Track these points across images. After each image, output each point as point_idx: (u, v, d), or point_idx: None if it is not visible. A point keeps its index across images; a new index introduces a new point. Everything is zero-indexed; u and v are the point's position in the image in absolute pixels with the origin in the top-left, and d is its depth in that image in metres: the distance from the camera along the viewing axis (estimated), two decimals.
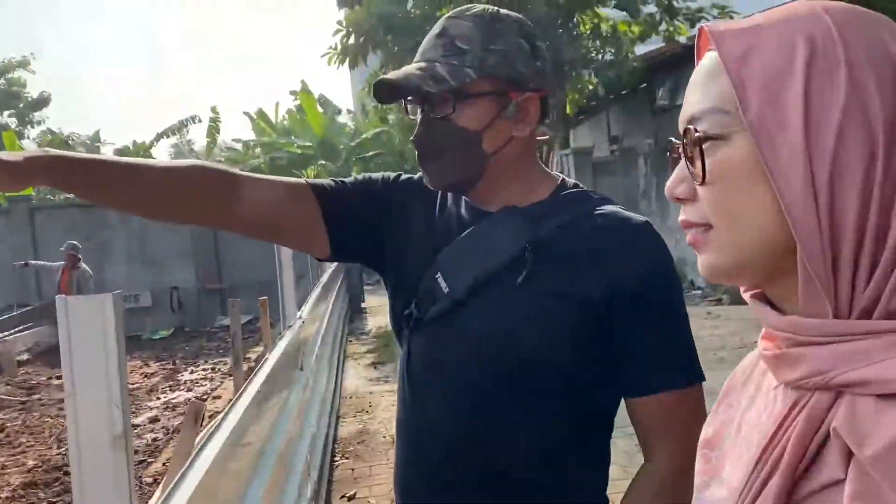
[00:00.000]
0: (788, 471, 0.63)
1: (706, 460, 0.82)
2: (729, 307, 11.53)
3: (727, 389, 0.87)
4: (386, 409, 7.06)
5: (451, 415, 1.32)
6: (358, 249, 1.47)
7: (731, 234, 0.68)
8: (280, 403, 3.25)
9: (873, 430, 0.58)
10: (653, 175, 15.02)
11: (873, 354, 0.60)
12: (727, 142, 0.66)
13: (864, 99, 0.62)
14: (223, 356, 11.36)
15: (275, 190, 1.39)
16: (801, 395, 0.65)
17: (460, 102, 1.28)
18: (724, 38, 0.67)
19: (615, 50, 15.28)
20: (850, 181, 0.62)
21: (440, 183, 1.36)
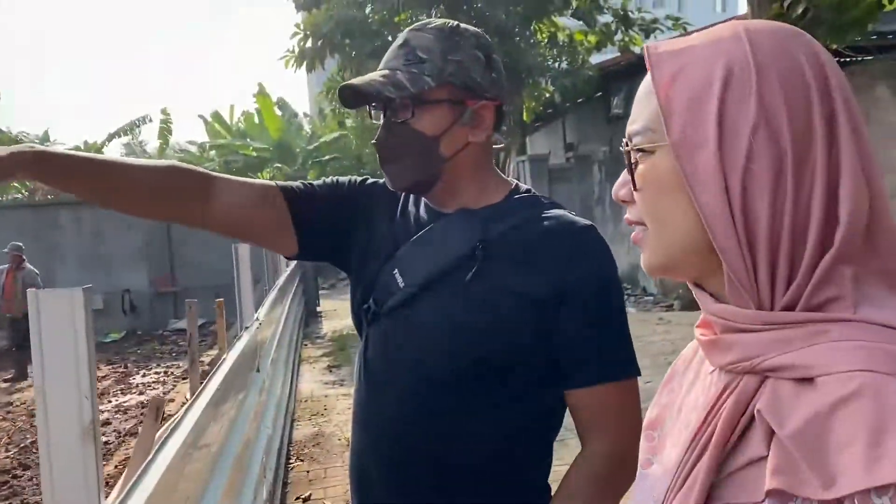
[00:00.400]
0: (717, 449, 0.70)
1: (649, 440, 0.89)
2: (679, 313, 11.74)
3: (670, 375, 0.94)
4: (341, 413, 7.07)
5: (402, 404, 1.39)
6: (324, 249, 1.54)
7: (659, 235, 0.77)
8: (237, 404, 3.25)
9: (792, 411, 0.64)
10: (607, 182, 15.22)
11: (795, 342, 0.67)
12: (654, 155, 0.75)
13: (772, 119, 0.69)
14: (176, 359, 11.24)
15: (247, 192, 1.47)
16: (732, 379, 0.72)
17: (419, 108, 1.37)
18: (660, 60, 0.75)
19: (571, 59, 15.46)
20: (761, 193, 0.69)
21: (400, 184, 1.43)
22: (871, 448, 0.58)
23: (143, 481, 1.59)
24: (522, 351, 1.33)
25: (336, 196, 1.53)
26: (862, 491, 0.58)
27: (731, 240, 0.70)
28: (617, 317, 1.36)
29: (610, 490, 1.31)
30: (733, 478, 0.69)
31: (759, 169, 0.69)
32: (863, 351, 0.64)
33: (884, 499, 0.57)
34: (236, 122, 29.02)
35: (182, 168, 1.45)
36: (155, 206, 1.45)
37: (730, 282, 0.72)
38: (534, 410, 1.38)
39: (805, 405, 0.64)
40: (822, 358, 0.65)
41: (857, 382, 0.61)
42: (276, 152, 26.13)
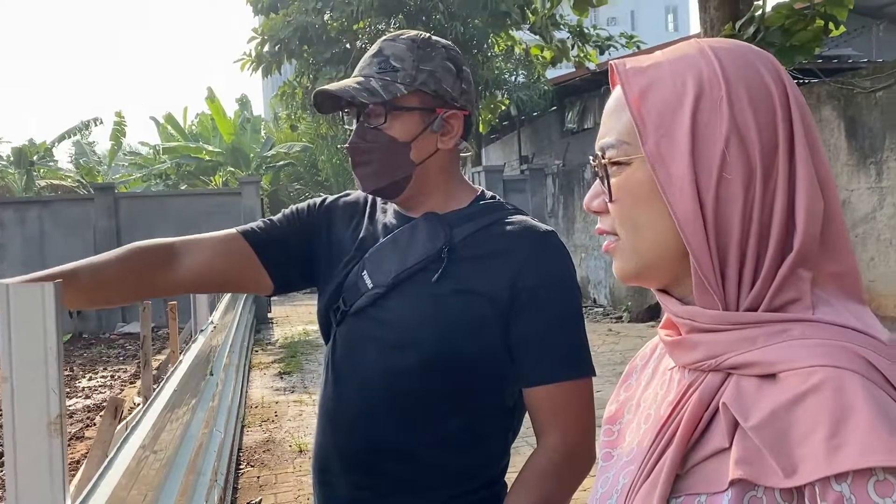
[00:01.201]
0: (682, 441, 0.74)
1: (609, 434, 0.93)
2: (628, 324, 11.91)
3: (628, 372, 0.99)
4: (292, 419, 7.03)
5: (366, 399, 1.43)
6: (298, 279, 1.61)
7: (633, 242, 0.80)
8: (192, 407, 3.23)
9: (756, 404, 0.68)
10: (560, 194, 15.39)
11: (758, 341, 0.72)
12: (629, 167, 0.79)
13: (742, 131, 0.74)
14: (123, 363, 11.02)
15: (208, 247, 1.53)
16: (696, 376, 0.76)
17: (391, 114, 1.42)
18: (629, 75, 0.79)
19: (527, 73, 15.62)
20: (733, 202, 0.73)
21: (371, 187, 1.48)
22: (830, 438, 0.61)
23: (102, 482, 1.59)
24: (483, 349, 1.39)
25: (297, 224, 1.59)
26: (822, 479, 0.61)
27: (703, 245, 0.74)
28: (573, 318, 1.42)
29: (562, 483, 1.37)
30: (697, 469, 0.73)
31: (731, 178, 0.73)
32: (822, 348, 0.67)
33: (843, 485, 0.60)
34: (189, 124, 28.66)
35: (141, 247, 1.50)
36: (130, 291, 1.51)
37: (699, 284, 0.76)
38: (493, 408, 1.43)
39: (768, 399, 0.67)
40: (784, 355, 0.69)
41: (818, 377, 0.65)
42: (229, 156, 25.86)
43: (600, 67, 14.22)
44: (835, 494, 0.61)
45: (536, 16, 13.50)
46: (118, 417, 2.89)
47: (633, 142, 0.78)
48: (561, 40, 14.09)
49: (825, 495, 0.61)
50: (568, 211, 14.93)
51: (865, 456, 0.59)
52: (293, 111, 16.77)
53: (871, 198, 7.38)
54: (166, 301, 5.59)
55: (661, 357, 0.92)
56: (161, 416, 2.26)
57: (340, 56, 14.75)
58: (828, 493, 0.61)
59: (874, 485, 0.59)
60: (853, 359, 0.66)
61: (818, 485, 0.62)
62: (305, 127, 20.03)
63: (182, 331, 7.47)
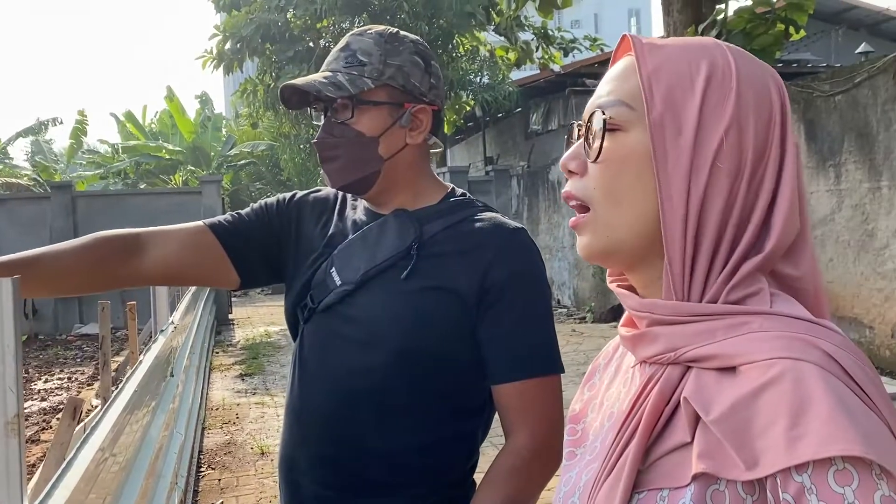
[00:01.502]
0: (644, 436, 0.73)
1: (573, 433, 0.92)
2: (592, 325, 12.00)
3: (591, 371, 0.99)
4: (254, 421, 6.95)
5: (332, 396, 1.41)
6: (264, 274, 1.58)
7: (609, 214, 0.78)
8: (152, 408, 3.16)
9: (716, 397, 0.68)
10: (525, 196, 15.46)
11: (717, 333, 0.71)
12: (626, 132, 0.77)
13: (742, 124, 0.74)
14: (80, 365, 10.83)
15: (175, 239, 1.50)
16: (656, 370, 0.76)
17: (358, 109, 1.41)
18: (644, 49, 0.78)
19: (492, 74, 15.65)
20: (718, 193, 0.74)
21: (339, 182, 1.46)
22: (790, 429, 0.61)
23: (61, 484, 1.54)
24: (452, 347, 1.37)
25: (266, 219, 1.56)
26: (783, 470, 0.61)
27: (678, 231, 0.73)
28: (542, 315, 1.41)
29: (529, 482, 1.35)
30: (659, 464, 0.72)
31: (723, 169, 0.73)
32: (781, 340, 0.68)
33: (804, 476, 0.60)
34: (149, 122, 28.27)
35: (106, 236, 1.47)
36: (93, 281, 1.48)
37: (666, 272, 0.75)
38: (462, 406, 1.42)
39: (729, 392, 0.67)
40: (743, 347, 0.69)
41: (777, 369, 0.65)
42: (189, 155, 25.55)
43: (565, 69, 14.32)
44: (796, 485, 0.61)
45: (501, 17, 13.55)
46: (77, 418, 2.82)
47: (636, 107, 0.77)
48: (525, 42, 14.17)
49: (786, 486, 0.61)
50: (532, 212, 14.99)
51: (825, 446, 0.59)
52: (255, 109, 16.63)
53: (830, 200, 7.51)
54: (125, 301, 5.48)
55: (624, 355, 0.92)
56: (121, 418, 2.21)
57: (303, 54, 14.65)
58: (789, 484, 0.61)
59: (834, 474, 0.60)
60: (811, 350, 0.66)
61: (779, 476, 0.62)
62: (268, 125, 19.86)
63: (141, 332, 7.35)
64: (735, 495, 0.66)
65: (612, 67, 0.85)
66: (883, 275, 7.04)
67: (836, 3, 15.69)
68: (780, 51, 6.91)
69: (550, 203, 14.36)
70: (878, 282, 7.10)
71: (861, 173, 7.15)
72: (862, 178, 7.15)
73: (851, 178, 7.26)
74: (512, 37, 13.89)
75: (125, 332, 10.07)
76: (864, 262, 7.22)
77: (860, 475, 0.59)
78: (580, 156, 0.81)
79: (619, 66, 0.83)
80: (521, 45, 14.42)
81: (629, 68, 0.80)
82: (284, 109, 15.35)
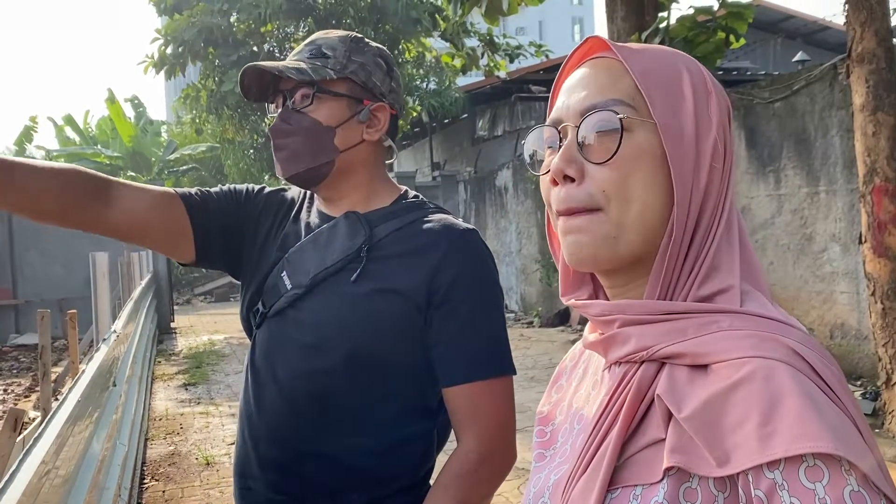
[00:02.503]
0: (622, 430, 0.73)
1: (542, 435, 0.92)
2: (539, 329, 12.08)
3: (558, 373, 0.99)
4: (198, 431, 6.82)
5: (280, 400, 1.40)
6: (218, 256, 1.54)
7: (621, 214, 0.76)
8: (95, 420, 3.07)
9: (688, 395, 0.69)
10: (472, 201, 15.50)
11: (688, 332, 0.72)
12: (630, 132, 0.75)
13: (725, 126, 0.77)
14: (17, 377, 10.49)
15: (145, 198, 1.45)
16: (629, 369, 0.76)
17: (318, 97, 1.40)
18: (626, 52, 0.78)
19: (439, 79, 15.66)
20: (713, 191, 0.76)
21: (290, 171, 1.43)
22: (761, 426, 0.62)
23: (3, 497, 1.49)
24: (402, 349, 1.36)
25: (231, 205, 1.54)
26: (755, 467, 0.62)
27: (682, 228, 0.74)
28: (491, 316, 1.39)
29: (478, 485, 1.34)
30: (633, 460, 0.72)
31: (717, 169, 0.76)
32: (751, 339, 0.68)
33: (775, 473, 0.61)
34: (87, 127, 27.62)
35: (85, 173, 1.40)
36: (57, 210, 1.38)
37: (657, 270, 0.76)
38: (414, 410, 1.40)
39: (700, 389, 0.68)
40: (714, 346, 0.69)
41: (748, 368, 0.66)
42: (129, 160, 25.03)
43: (510, 76, 14.40)
44: (767, 482, 0.61)
45: (447, 23, 13.58)
46: (18, 430, 2.72)
47: (637, 107, 0.76)
48: (472, 48, 14.22)
49: (758, 483, 0.62)
50: (480, 218, 15.04)
51: (796, 443, 0.60)
52: (198, 114, 16.36)
53: (770, 205, 7.69)
54: (64, 310, 5.33)
55: (591, 358, 0.92)
56: (64, 429, 2.14)
57: (247, 59, 14.46)
58: (761, 480, 0.62)
59: (805, 471, 0.60)
60: (781, 349, 0.67)
61: (751, 473, 0.62)
62: (211, 131, 19.55)
63: (81, 341, 7.15)
64: (707, 492, 0.66)
65: (578, 70, 0.83)
66: (821, 277, 7.23)
67: (774, 13, 16.12)
68: (720, 58, 7.06)
69: (497, 208, 14.43)
70: (816, 284, 7.29)
71: (800, 178, 7.33)
72: (801, 184, 7.33)
73: (790, 184, 7.45)
74: (458, 42, 13.93)
75: (64, 341, 9.80)
76: (803, 265, 7.40)
77: (830, 471, 0.60)
78: (575, 161, 0.77)
79: (597, 68, 0.81)
80: (468, 52, 14.47)
81: (614, 69, 0.79)
82: (228, 114, 15.17)
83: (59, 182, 1.35)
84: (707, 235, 0.75)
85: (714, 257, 0.75)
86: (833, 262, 7.09)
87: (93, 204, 1.39)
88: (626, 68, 0.77)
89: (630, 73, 0.76)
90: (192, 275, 22.98)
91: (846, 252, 6.92)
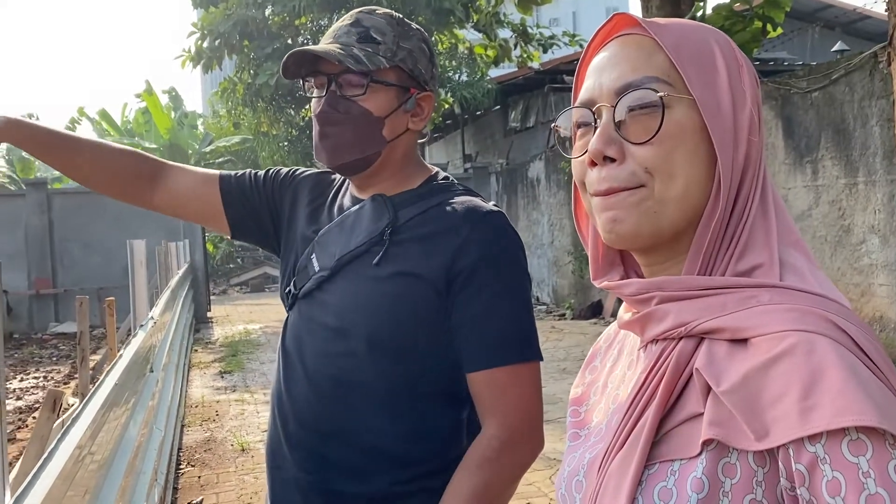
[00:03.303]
0: (661, 404, 0.73)
1: (576, 415, 0.92)
2: (571, 322, 12.04)
3: (592, 354, 0.98)
4: (234, 418, 6.91)
5: (307, 382, 1.42)
6: (253, 234, 1.65)
7: (663, 191, 0.75)
8: (132, 404, 3.13)
9: (727, 368, 0.68)
10: (504, 193, 15.47)
11: (727, 307, 0.71)
12: (671, 108, 0.75)
13: (754, 99, 0.77)
14: (56, 364, 10.71)
15: (190, 180, 1.62)
16: (667, 346, 0.75)
17: (371, 87, 1.38)
18: (656, 27, 0.78)
19: (471, 71, 15.62)
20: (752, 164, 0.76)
21: (337, 161, 1.42)
22: (803, 400, 0.61)
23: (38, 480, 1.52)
24: (424, 333, 1.35)
25: (269, 184, 1.62)
26: (795, 441, 0.61)
27: (726, 200, 0.74)
28: (515, 300, 1.37)
29: (501, 471, 1.32)
30: (671, 435, 0.72)
31: (754, 142, 0.76)
32: (792, 313, 0.68)
33: (817, 446, 0.61)
34: (125, 120, 28.00)
35: (135, 152, 1.62)
36: (114, 184, 1.61)
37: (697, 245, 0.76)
38: (439, 396, 1.39)
39: (740, 363, 0.67)
40: (754, 320, 0.69)
41: (789, 341, 0.65)
42: (166, 153, 25.33)
43: (543, 66, 14.33)
44: (809, 456, 0.61)
45: (480, 14, 13.52)
46: (56, 411, 2.78)
47: (673, 83, 0.75)
48: (504, 39, 14.16)
49: (799, 457, 0.61)
50: (511, 210, 15.01)
51: (839, 416, 0.59)
52: (234, 107, 16.50)
53: (808, 196, 7.58)
54: (102, 299, 5.43)
55: (626, 338, 0.91)
56: (100, 414, 2.18)
57: (282, 51, 14.53)
58: (802, 454, 0.61)
59: (848, 444, 0.60)
60: (822, 323, 0.66)
61: (792, 447, 0.62)
62: (247, 124, 19.72)
63: (119, 329, 7.28)
64: (746, 467, 0.66)
65: (605, 48, 0.82)
66: (859, 270, 7.12)
67: (812, 2, 15.83)
68: (757, 48, 6.96)
69: (529, 200, 14.38)
70: (854, 277, 7.18)
71: (838, 169, 7.22)
72: (839, 174, 7.22)
73: (828, 174, 7.33)
74: (491, 33, 13.87)
75: (102, 329, 9.97)
76: (840, 257, 7.29)
77: (874, 444, 0.59)
78: (616, 139, 0.77)
79: (627, 45, 0.80)
80: (500, 43, 14.42)
81: (645, 46, 0.78)
82: (263, 107, 15.28)
83: (121, 160, 1.58)
84: (745, 209, 0.75)
85: (751, 230, 0.74)
86: (871, 255, 6.97)
87: (146, 182, 1.59)
88: (657, 44, 0.76)
89: (663, 48, 0.76)
90: (227, 266, 23.24)
91: (885, 244, 6.80)
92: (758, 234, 0.75)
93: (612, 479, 0.74)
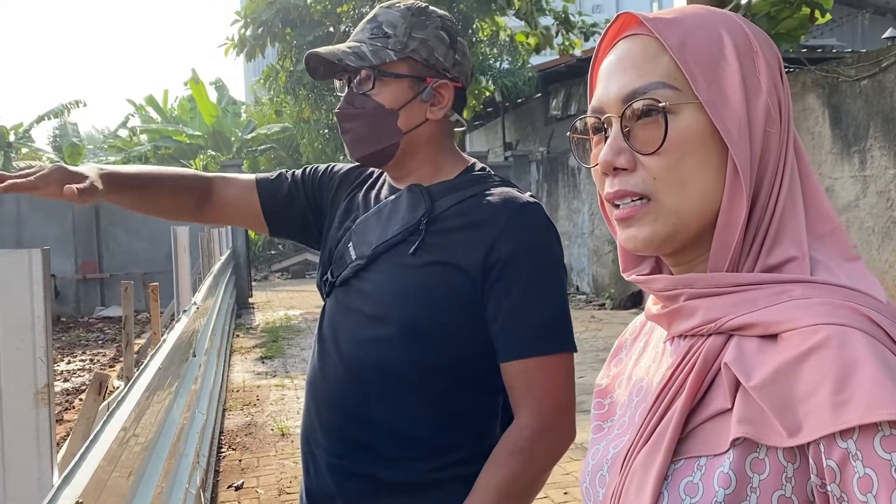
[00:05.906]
0: (688, 401, 0.72)
1: (600, 407, 0.91)
2: (611, 311, 11.97)
3: (618, 346, 0.97)
4: (274, 403, 7.00)
5: (344, 370, 1.44)
6: (293, 232, 1.72)
7: (676, 200, 0.74)
8: (175, 387, 3.19)
9: (758, 363, 0.67)
10: (544, 181, 15.40)
11: (758, 302, 0.70)
12: (675, 115, 0.73)
13: (775, 85, 0.74)
14: (102, 347, 10.94)
15: (232, 192, 1.68)
16: (695, 342, 0.74)
17: (380, 80, 1.42)
18: (660, 26, 0.76)
19: (512, 59, 15.54)
20: (772, 156, 0.74)
21: (357, 154, 1.48)
22: (835, 394, 0.60)
23: (87, 457, 1.56)
24: (459, 323, 1.37)
25: (307, 182, 1.66)
26: (827, 436, 0.60)
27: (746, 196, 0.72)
28: (549, 291, 1.37)
29: (533, 462, 1.33)
30: (697, 431, 0.71)
31: (773, 133, 0.73)
32: (824, 307, 0.66)
33: (849, 442, 0.59)
34: (169, 107, 28.40)
35: (191, 175, 1.68)
36: (171, 215, 1.66)
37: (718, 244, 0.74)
38: (473, 384, 1.41)
39: (771, 358, 0.66)
40: (786, 315, 0.67)
41: (821, 335, 0.64)
42: (210, 140, 25.64)
43: (585, 54, 14.20)
44: (840, 451, 0.60)
45: (522, 1, 13.43)
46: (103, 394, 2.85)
47: (680, 87, 0.74)
48: (546, 27, 14.06)
49: (830, 453, 0.60)
50: (552, 198, 14.94)
51: (872, 411, 0.58)
52: (276, 95, 16.63)
53: (855, 186, 7.43)
54: (147, 284, 5.52)
55: (652, 331, 0.90)
56: (144, 396, 2.23)
57: (324, 39, 14.62)
58: (833, 450, 0.60)
59: (881, 440, 0.59)
60: (855, 316, 0.65)
61: (823, 442, 0.61)
62: (289, 111, 19.88)
63: (163, 314, 7.41)
64: (776, 463, 0.65)
65: (613, 50, 0.81)
66: None
67: None
68: (805, 35, 6.82)
69: (570, 189, 14.30)
70: None
71: (887, 159, 7.06)
72: (887, 164, 7.06)
73: (877, 164, 7.18)
74: (532, 21, 13.78)
75: (147, 314, 10.14)
76: (888, 248, 7.14)
77: None
78: (624, 150, 0.76)
79: (632, 47, 0.78)
80: (542, 30, 14.31)
81: (650, 47, 0.76)
82: (304, 94, 15.39)
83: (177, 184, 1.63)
84: (768, 202, 0.73)
85: (780, 223, 0.73)
86: None
87: (194, 200, 1.65)
88: (662, 45, 0.75)
89: (667, 49, 0.74)
90: (269, 252, 23.49)
91: None
92: (787, 227, 0.73)
93: (637, 474, 0.74)
